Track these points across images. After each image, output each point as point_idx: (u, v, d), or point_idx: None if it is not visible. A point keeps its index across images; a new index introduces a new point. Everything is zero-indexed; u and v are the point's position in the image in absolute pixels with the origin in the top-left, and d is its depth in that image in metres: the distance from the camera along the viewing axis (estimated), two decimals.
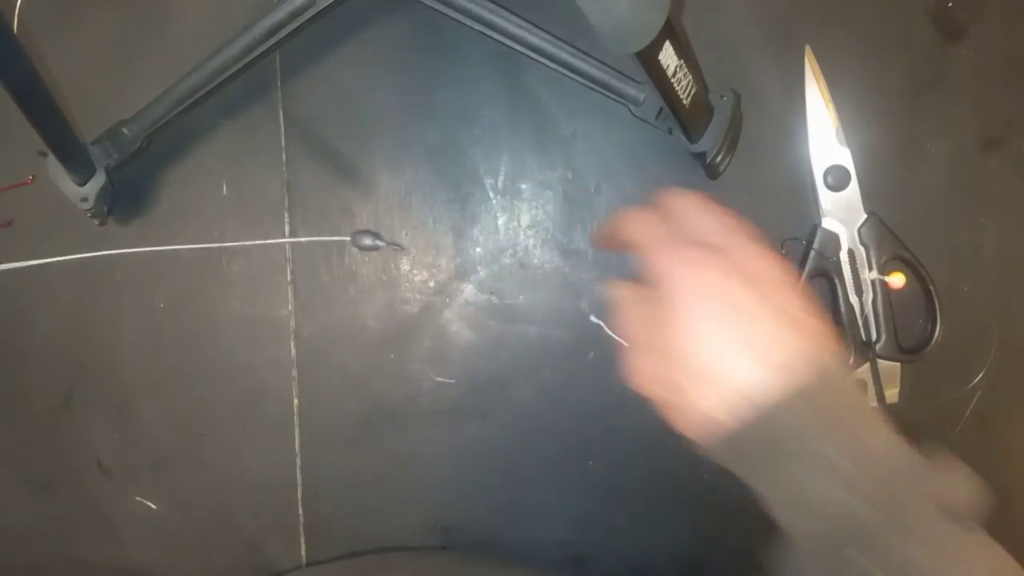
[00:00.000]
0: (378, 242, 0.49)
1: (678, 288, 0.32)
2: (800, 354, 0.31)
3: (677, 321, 0.32)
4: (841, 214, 0.49)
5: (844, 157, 0.49)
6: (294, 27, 0.45)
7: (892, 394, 0.50)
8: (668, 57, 0.37)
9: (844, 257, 0.49)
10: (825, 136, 0.49)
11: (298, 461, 0.52)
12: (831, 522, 0.31)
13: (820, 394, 0.31)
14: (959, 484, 0.32)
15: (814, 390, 0.31)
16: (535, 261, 0.51)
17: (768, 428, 0.31)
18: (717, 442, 0.32)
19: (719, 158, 0.46)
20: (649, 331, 0.35)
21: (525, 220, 0.51)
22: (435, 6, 0.46)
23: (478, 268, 0.51)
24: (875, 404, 0.51)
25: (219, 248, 0.51)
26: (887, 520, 0.30)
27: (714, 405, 0.32)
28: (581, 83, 0.47)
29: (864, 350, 0.50)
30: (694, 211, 0.36)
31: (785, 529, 0.33)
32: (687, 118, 0.43)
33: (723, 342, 0.32)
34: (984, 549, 0.32)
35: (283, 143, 0.51)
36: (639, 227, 0.35)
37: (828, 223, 0.49)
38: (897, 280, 0.49)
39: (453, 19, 0.46)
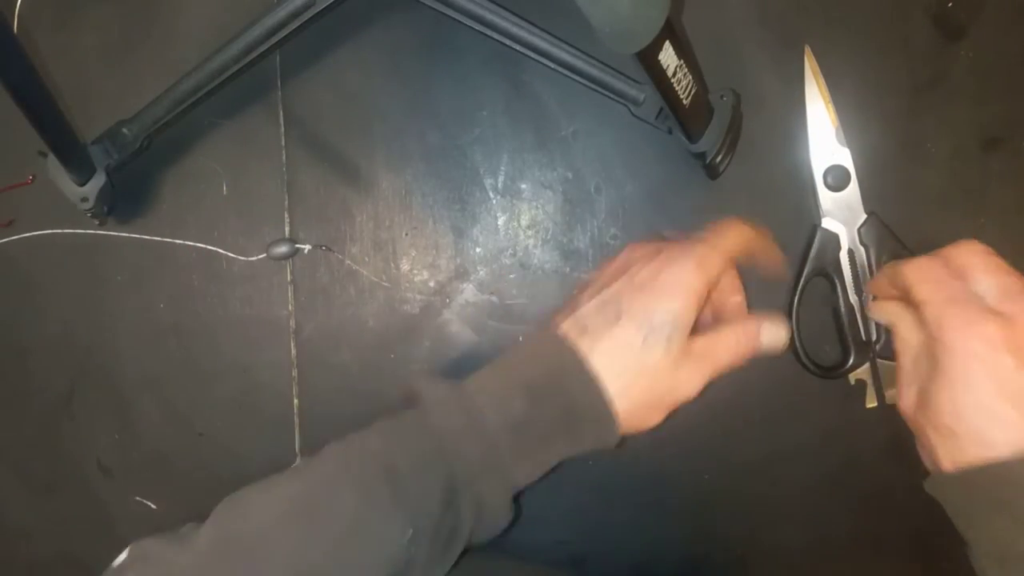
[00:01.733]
0: (298, 246, 0.50)
1: (957, 351, 0.35)
2: None
3: (938, 377, 0.36)
4: (841, 214, 0.49)
5: (844, 157, 0.49)
6: (294, 27, 0.45)
7: (892, 394, 0.50)
8: (668, 57, 0.37)
9: (844, 257, 0.49)
10: (825, 136, 0.49)
11: (298, 461, 0.52)
12: None
13: None
14: None
15: None
16: (535, 261, 0.51)
17: (999, 480, 0.34)
18: (951, 481, 0.36)
19: (719, 158, 0.46)
20: (921, 370, 0.38)
21: (525, 220, 0.51)
22: (435, 6, 0.46)
23: (478, 268, 0.51)
24: (875, 404, 0.51)
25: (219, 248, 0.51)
26: None
27: (948, 462, 0.36)
28: (581, 83, 0.47)
29: (864, 350, 0.50)
30: (984, 270, 0.38)
31: None
32: (687, 118, 0.43)
33: (984, 404, 0.35)
34: None
35: (283, 143, 0.51)
36: (928, 282, 0.38)
37: (828, 223, 0.49)
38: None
39: (453, 19, 0.46)
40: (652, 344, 0.38)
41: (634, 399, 0.38)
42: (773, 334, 0.42)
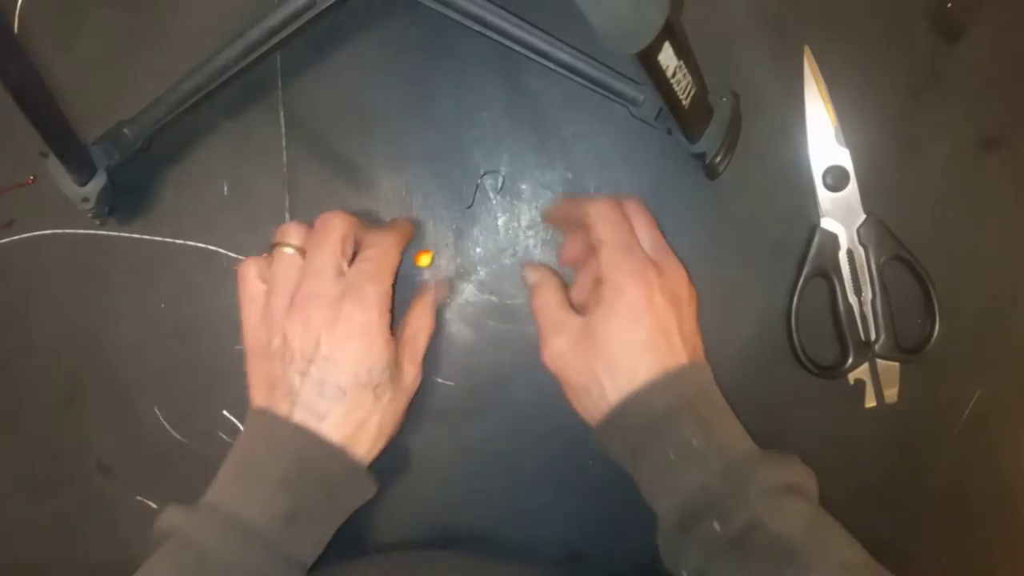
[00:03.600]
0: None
1: (623, 287, 0.40)
2: (683, 362, 0.40)
3: (609, 314, 0.40)
4: (840, 214, 0.49)
5: (843, 157, 0.49)
6: (295, 28, 0.45)
7: (892, 394, 0.51)
8: (668, 58, 0.37)
9: (843, 257, 0.49)
10: (824, 136, 0.49)
11: None
12: (689, 498, 0.38)
13: (687, 392, 0.40)
14: (788, 468, 0.39)
15: (689, 390, 0.40)
16: (535, 261, 0.51)
17: (650, 416, 0.39)
18: (608, 424, 0.41)
19: (719, 158, 0.46)
20: (565, 315, 0.43)
21: (525, 220, 0.51)
22: (435, 6, 0.46)
23: (478, 268, 0.51)
24: (874, 404, 0.51)
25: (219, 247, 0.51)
26: (734, 492, 0.37)
27: (614, 390, 0.40)
28: (581, 83, 0.47)
29: (864, 350, 0.50)
30: (644, 224, 0.44)
31: (655, 509, 0.40)
32: (687, 119, 0.43)
33: (637, 342, 0.40)
34: (807, 507, 0.38)
35: (283, 143, 0.51)
36: (609, 223, 0.42)
37: (827, 223, 0.49)
38: None
39: (453, 19, 0.47)
40: (381, 393, 0.41)
41: (378, 435, 0.42)
42: (441, 288, 0.49)
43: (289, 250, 0.44)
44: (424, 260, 0.50)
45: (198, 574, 0.37)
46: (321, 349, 0.40)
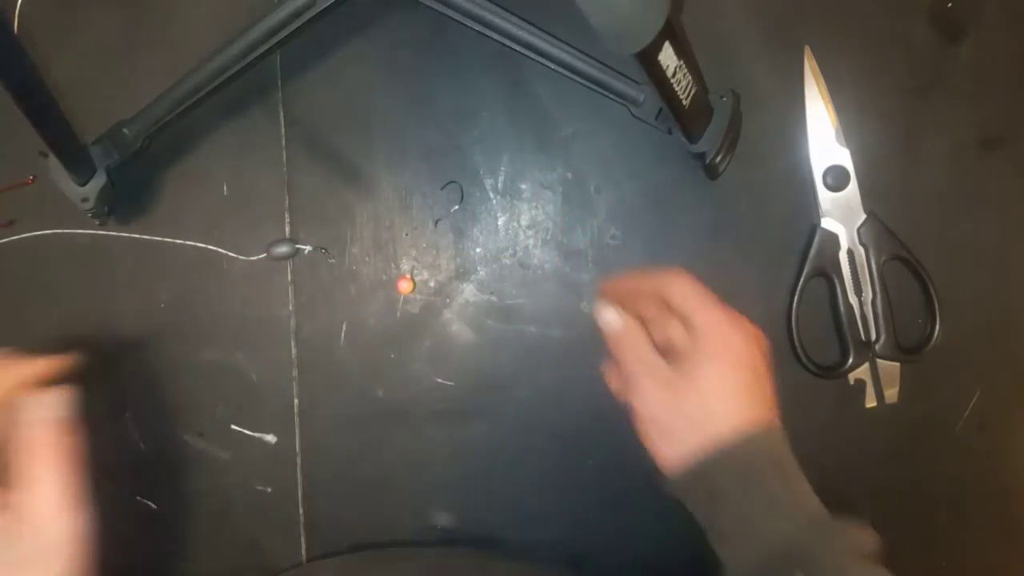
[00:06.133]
0: (299, 247, 0.50)
1: (718, 338, 0.40)
2: (771, 415, 0.40)
3: (704, 361, 0.40)
4: (840, 214, 0.49)
5: (843, 157, 0.49)
6: (295, 27, 0.45)
7: (892, 394, 0.51)
8: (668, 58, 0.37)
9: (843, 257, 0.49)
10: (824, 136, 0.49)
11: (298, 461, 0.52)
12: (775, 548, 0.38)
13: (772, 447, 0.40)
14: (865, 534, 0.40)
15: (769, 444, 0.40)
16: (535, 261, 0.51)
17: (738, 464, 0.39)
18: (691, 469, 0.40)
19: (719, 158, 0.46)
20: (657, 359, 0.42)
21: (525, 220, 0.51)
22: (435, 6, 0.46)
23: (478, 268, 0.51)
24: (874, 404, 0.51)
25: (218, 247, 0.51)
26: (823, 549, 0.38)
27: (703, 436, 0.39)
28: (581, 83, 0.47)
29: (864, 350, 0.50)
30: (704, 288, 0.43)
31: (729, 562, 0.40)
32: (687, 118, 0.43)
33: (731, 390, 0.40)
34: None
35: (283, 143, 0.51)
36: (682, 282, 0.42)
37: (827, 223, 0.49)
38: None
39: (453, 19, 0.46)
40: None
41: None
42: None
43: None
44: (405, 287, 0.50)
45: None
46: None
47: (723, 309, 0.41)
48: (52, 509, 0.35)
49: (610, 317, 0.45)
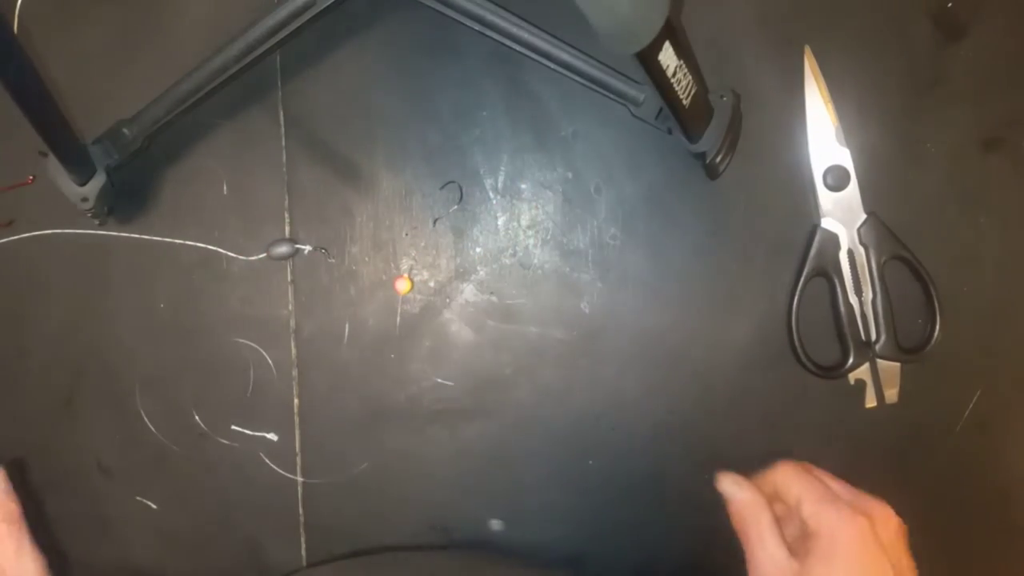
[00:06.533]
0: (298, 247, 0.50)
1: (836, 540, 0.40)
2: None
3: (824, 564, 0.40)
4: (841, 214, 0.49)
5: (844, 157, 0.49)
6: (294, 27, 0.45)
7: (892, 394, 0.51)
8: (668, 57, 0.37)
9: (844, 257, 0.49)
10: (825, 136, 0.49)
11: (298, 461, 0.52)
12: None
13: None
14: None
15: None
16: (535, 261, 0.51)
17: None
18: None
19: (719, 158, 0.46)
20: (784, 555, 0.41)
21: (525, 220, 0.51)
22: (435, 6, 0.46)
23: (478, 268, 0.51)
24: (874, 404, 0.51)
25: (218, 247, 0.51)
26: None
27: None
28: (581, 83, 0.47)
29: (864, 350, 0.50)
30: (828, 475, 0.44)
31: None
32: (687, 118, 0.43)
33: None
34: None
35: (283, 143, 0.51)
36: (798, 482, 0.42)
37: (828, 223, 0.49)
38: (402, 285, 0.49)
39: (453, 19, 0.46)
40: None
41: None
42: None
43: None
44: (403, 287, 0.50)
45: None
46: None
47: (834, 502, 0.41)
48: (11, 559, 0.45)
49: (734, 491, 0.44)
